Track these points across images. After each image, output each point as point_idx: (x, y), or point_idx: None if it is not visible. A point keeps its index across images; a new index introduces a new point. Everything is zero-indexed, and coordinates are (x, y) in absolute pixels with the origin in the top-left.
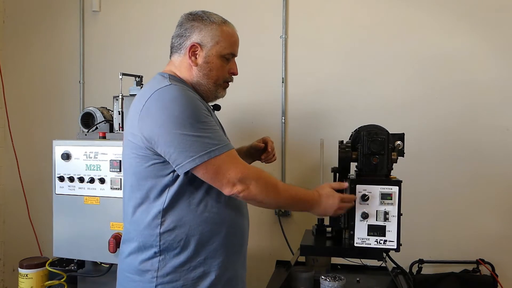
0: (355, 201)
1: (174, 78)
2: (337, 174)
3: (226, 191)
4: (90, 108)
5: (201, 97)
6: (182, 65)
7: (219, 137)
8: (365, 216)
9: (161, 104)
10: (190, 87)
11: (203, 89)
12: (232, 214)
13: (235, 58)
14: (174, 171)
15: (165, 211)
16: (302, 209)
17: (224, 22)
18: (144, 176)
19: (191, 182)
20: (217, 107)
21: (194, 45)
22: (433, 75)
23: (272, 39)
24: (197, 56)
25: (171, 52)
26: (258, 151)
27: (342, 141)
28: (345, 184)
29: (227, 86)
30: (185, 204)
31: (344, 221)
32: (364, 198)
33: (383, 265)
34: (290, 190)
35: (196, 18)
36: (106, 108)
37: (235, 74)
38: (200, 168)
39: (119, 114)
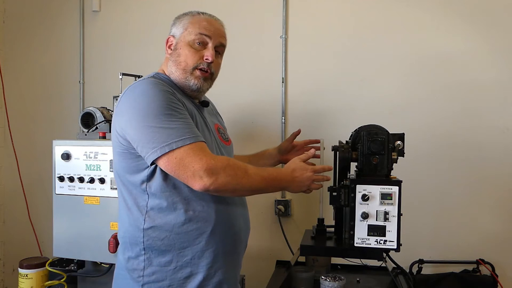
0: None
1: (158, 76)
2: (337, 152)
3: (195, 186)
4: (90, 108)
5: (182, 90)
6: (166, 61)
7: (185, 129)
8: (365, 216)
9: (130, 99)
10: (173, 84)
11: (175, 78)
12: (222, 211)
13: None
14: (150, 165)
15: (148, 208)
16: (277, 189)
17: (200, 13)
18: (125, 172)
19: (172, 177)
20: (205, 104)
21: (169, 37)
22: (433, 75)
23: (272, 39)
24: (171, 47)
25: None
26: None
27: (346, 141)
28: (312, 151)
29: (202, 75)
30: (167, 200)
31: (344, 198)
32: (364, 198)
33: (383, 265)
34: (261, 172)
35: (178, 16)
36: (106, 108)
37: (208, 60)
38: (162, 160)
39: None
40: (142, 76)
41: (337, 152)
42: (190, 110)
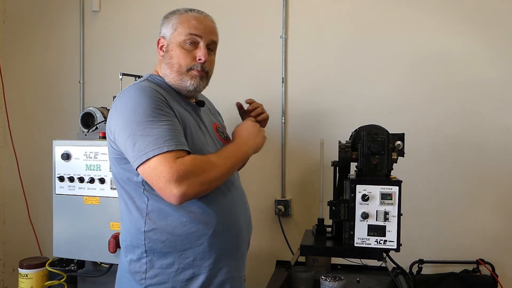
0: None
1: (152, 78)
2: (337, 168)
3: (170, 198)
4: (90, 108)
5: (177, 92)
6: (158, 63)
7: (166, 136)
8: (365, 216)
9: (118, 106)
10: (166, 86)
11: (169, 80)
12: (223, 212)
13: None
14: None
15: (148, 210)
16: (243, 158)
17: (189, 10)
18: (122, 176)
19: None
20: (201, 104)
21: (159, 38)
22: (433, 75)
23: (272, 39)
24: (163, 49)
25: None
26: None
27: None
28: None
29: (198, 75)
30: (167, 202)
31: (344, 213)
32: (364, 198)
33: (383, 265)
34: (223, 153)
35: (166, 15)
36: (106, 108)
37: (201, 60)
38: (140, 170)
39: None
40: (142, 76)
41: (337, 167)
42: (181, 114)
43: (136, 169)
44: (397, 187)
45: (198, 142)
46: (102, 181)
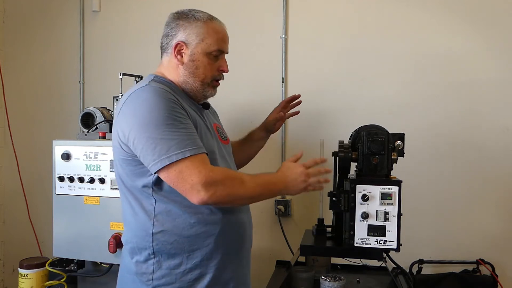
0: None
1: (159, 79)
2: (337, 158)
3: (193, 199)
4: (90, 108)
5: (189, 96)
6: (169, 65)
7: (186, 140)
8: (365, 216)
9: (132, 107)
10: (175, 87)
11: (190, 87)
12: (228, 212)
13: (227, 55)
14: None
15: (156, 212)
16: (273, 193)
17: (211, 18)
18: (130, 178)
19: None
20: (206, 106)
21: (179, 43)
22: (434, 75)
23: (272, 39)
24: (182, 55)
25: (161, 53)
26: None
27: (342, 141)
28: (299, 154)
29: (217, 85)
30: (175, 204)
31: (344, 203)
32: (364, 198)
33: (383, 265)
34: (256, 179)
35: (181, 16)
36: (106, 108)
37: (225, 71)
38: (162, 172)
39: None
40: (142, 76)
41: (337, 157)
42: (193, 117)
43: (156, 172)
44: (397, 187)
45: (207, 143)
46: (102, 181)
